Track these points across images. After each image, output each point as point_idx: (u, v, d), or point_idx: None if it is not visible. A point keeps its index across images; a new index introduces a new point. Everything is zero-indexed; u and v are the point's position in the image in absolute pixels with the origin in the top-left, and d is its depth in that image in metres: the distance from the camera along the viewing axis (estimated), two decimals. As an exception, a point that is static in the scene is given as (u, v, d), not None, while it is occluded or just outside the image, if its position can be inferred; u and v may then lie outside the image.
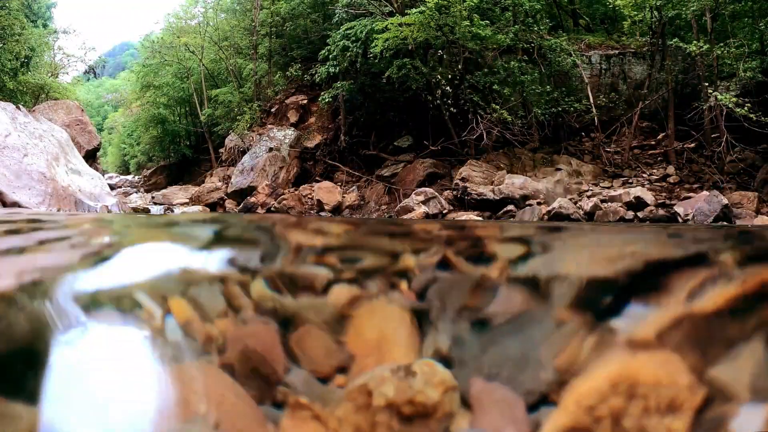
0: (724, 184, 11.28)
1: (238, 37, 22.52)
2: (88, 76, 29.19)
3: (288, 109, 18.42)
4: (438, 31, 12.86)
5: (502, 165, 13.10)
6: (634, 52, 14.69)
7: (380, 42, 12.76)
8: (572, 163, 12.99)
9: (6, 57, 19.92)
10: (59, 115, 17.40)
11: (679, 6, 12.14)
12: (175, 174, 27.40)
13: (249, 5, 21.65)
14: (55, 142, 11.90)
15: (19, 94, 20.50)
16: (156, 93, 27.14)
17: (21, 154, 10.45)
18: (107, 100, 50.56)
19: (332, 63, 14.70)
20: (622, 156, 13.05)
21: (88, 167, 13.25)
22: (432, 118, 14.58)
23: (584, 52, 14.69)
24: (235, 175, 16.66)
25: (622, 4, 13.00)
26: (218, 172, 19.07)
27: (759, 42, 11.55)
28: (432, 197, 12.24)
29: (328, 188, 14.29)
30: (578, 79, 14.00)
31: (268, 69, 20.28)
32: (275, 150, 16.62)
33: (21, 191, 9.81)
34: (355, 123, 16.58)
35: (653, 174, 12.33)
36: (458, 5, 12.30)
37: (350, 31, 14.35)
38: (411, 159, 15.08)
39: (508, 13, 13.77)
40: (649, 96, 13.47)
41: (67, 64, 26.99)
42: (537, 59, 13.66)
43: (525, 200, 11.50)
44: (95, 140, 18.52)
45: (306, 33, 19.06)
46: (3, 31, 19.69)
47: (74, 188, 11.17)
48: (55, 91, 22.88)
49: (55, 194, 10.34)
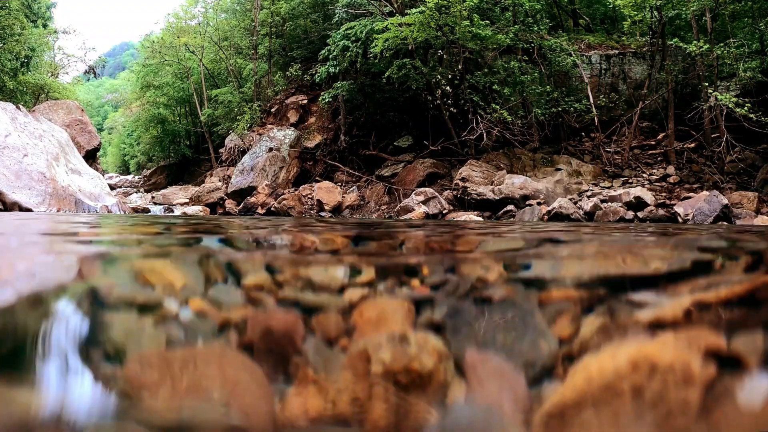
0: (724, 184, 11.28)
1: (238, 37, 22.53)
2: (88, 76, 29.16)
3: (288, 109, 18.43)
4: (438, 31, 12.86)
5: (502, 165, 13.10)
6: (634, 52, 14.69)
7: (380, 42, 12.76)
8: (572, 163, 12.99)
9: (6, 57, 19.93)
10: (59, 115, 17.40)
11: (679, 6, 12.15)
12: (175, 174, 27.42)
13: (249, 5, 21.66)
14: (55, 142, 11.90)
15: (19, 94, 20.51)
16: (156, 93, 27.16)
17: (21, 154, 10.45)
18: (107, 100, 50.57)
19: (332, 63, 14.71)
20: (622, 156, 13.05)
21: (88, 167, 13.25)
22: (432, 118, 14.58)
23: (584, 52, 14.70)
24: (235, 175, 16.66)
25: (622, 4, 13.00)
26: (218, 172, 19.07)
27: (759, 42, 11.56)
28: (432, 197, 12.24)
29: (328, 188, 14.29)
30: (578, 79, 14.00)
31: (268, 69, 20.29)
32: (275, 150, 16.63)
33: (21, 191, 9.81)
34: (355, 123, 16.58)
35: (653, 174, 12.33)
36: (458, 5, 12.30)
37: (350, 31, 14.35)
38: (411, 159, 15.08)
39: (508, 13, 13.77)
40: (649, 96, 13.47)
41: (67, 64, 27.00)
42: (537, 59, 13.66)
43: (525, 200, 11.50)
44: (95, 140, 18.52)
45: (306, 33, 19.07)
46: (3, 31, 19.70)
47: (74, 188, 11.17)
48: (55, 91, 22.88)
49: (55, 194, 10.34)
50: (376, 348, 0.87)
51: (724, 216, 9.52)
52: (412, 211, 11.68)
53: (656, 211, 10.26)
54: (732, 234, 4.39)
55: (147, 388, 0.80)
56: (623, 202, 10.70)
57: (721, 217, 9.50)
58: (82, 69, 27.94)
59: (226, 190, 16.66)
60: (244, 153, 17.56)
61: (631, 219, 10.31)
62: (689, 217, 9.74)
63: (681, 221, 9.79)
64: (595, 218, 10.55)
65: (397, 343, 0.90)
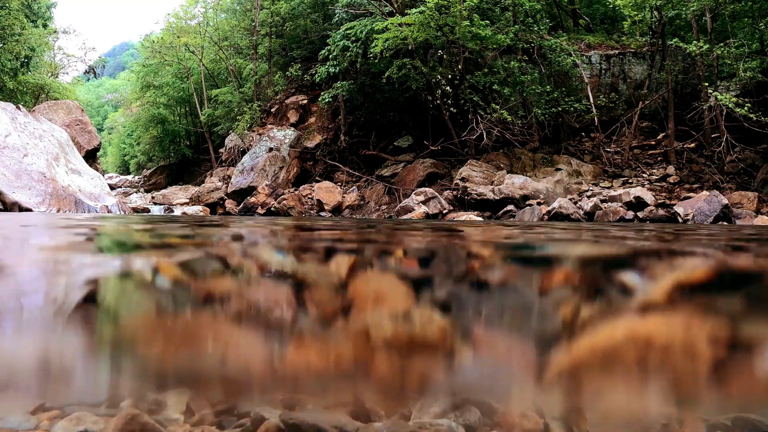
0: (724, 184, 11.28)
1: (238, 37, 22.51)
2: (88, 76, 29.17)
3: (288, 109, 18.42)
4: (438, 31, 12.86)
5: (502, 165, 13.10)
6: (634, 52, 14.69)
7: (380, 42, 12.76)
8: (572, 163, 12.99)
9: (6, 57, 19.93)
10: (59, 115, 17.39)
11: (679, 6, 12.15)
12: (175, 174, 27.42)
13: (249, 5, 21.65)
14: (55, 142, 11.90)
15: (19, 94, 20.51)
16: (156, 93, 27.15)
17: (21, 154, 10.45)
18: (107, 100, 50.56)
19: (332, 63, 14.70)
20: (622, 156, 13.05)
21: (88, 167, 13.25)
22: (432, 118, 14.59)
23: (584, 52, 14.69)
24: (235, 175, 16.66)
25: (622, 4, 13.00)
26: (218, 172, 19.06)
27: (759, 42, 11.56)
28: (432, 197, 12.23)
29: (328, 188, 14.29)
30: (578, 79, 14.00)
31: (268, 69, 20.28)
32: (275, 150, 16.62)
33: (21, 191, 9.81)
34: (355, 123, 16.58)
35: (653, 174, 12.33)
36: (458, 5, 12.30)
37: (350, 31, 14.35)
38: (411, 159, 15.08)
39: (508, 13, 13.77)
40: (649, 96, 13.47)
41: (67, 64, 27.00)
42: (537, 59, 13.66)
43: (525, 200, 11.50)
44: (95, 140, 18.50)
45: (306, 33, 19.06)
46: (3, 31, 19.70)
47: (74, 188, 11.17)
48: (55, 91, 22.88)
49: (55, 194, 10.34)
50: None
51: (724, 216, 9.52)
52: (412, 211, 11.68)
53: (656, 211, 10.26)
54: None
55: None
56: (623, 202, 10.70)
57: (721, 217, 9.50)
58: (82, 69, 27.98)
59: (226, 190, 16.66)
60: (244, 153, 17.55)
61: (631, 219, 10.31)
62: (689, 217, 9.74)
63: (681, 221, 9.79)
64: (595, 218, 10.55)
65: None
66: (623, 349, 0.79)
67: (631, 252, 2.40)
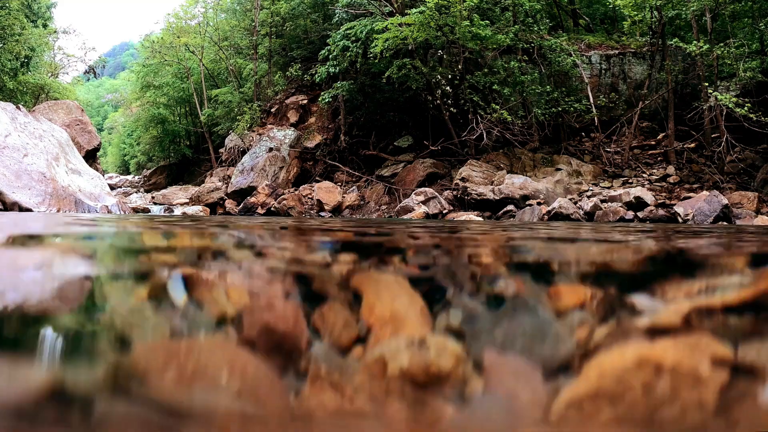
0: (724, 184, 11.29)
1: (238, 37, 22.53)
2: (88, 76, 29.17)
3: (288, 109, 18.43)
4: (438, 31, 12.86)
5: (502, 165, 13.10)
6: (634, 52, 14.69)
7: (380, 42, 12.77)
8: (572, 163, 12.99)
9: (6, 57, 19.93)
10: (59, 115, 17.39)
11: (679, 6, 12.15)
12: (175, 174, 27.43)
13: (249, 5, 21.66)
14: (55, 142, 11.90)
15: (19, 94, 20.51)
16: (156, 93, 27.17)
17: (21, 154, 10.45)
18: (107, 100, 50.58)
19: (332, 63, 14.71)
20: (622, 156, 13.05)
21: (88, 167, 13.25)
22: (432, 118, 14.59)
23: (584, 52, 14.70)
24: (235, 175, 16.66)
25: (622, 4, 13.01)
26: (218, 172, 19.07)
27: (759, 42, 11.56)
28: (432, 197, 12.24)
29: (328, 188, 14.29)
30: (578, 79, 14.01)
31: (268, 69, 20.29)
32: (275, 150, 16.63)
33: (21, 191, 9.81)
34: (355, 123, 16.58)
35: (653, 174, 12.33)
36: (458, 5, 12.30)
37: (350, 31, 14.35)
38: (411, 159, 15.09)
39: (508, 13, 13.77)
40: (649, 96, 13.48)
41: (67, 64, 27.02)
42: (537, 59, 13.66)
43: (525, 200, 11.50)
44: (95, 140, 18.50)
45: (306, 33, 19.07)
46: (3, 31, 19.70)
47: (74, 188, 11.17)
48: (55, 91, 22.89)
49: (55, 194, 10.34)
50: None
51: (724, 216, 9.52)
52: (412, 211, 11.68)
53: (656, 211, 10.26)
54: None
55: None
56: (623, 202, 10.70)
57: (721, 217, 9.50)
58: (82, 69, 28.00)
59: (226, 190, 16.66)
60: (244, 153, 17.56)
61: (631, 219, 10.31)
62: (689, 217, 9.74)
63: (681, 221, 9.79)
64: (595, 218, 10.54)
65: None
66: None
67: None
